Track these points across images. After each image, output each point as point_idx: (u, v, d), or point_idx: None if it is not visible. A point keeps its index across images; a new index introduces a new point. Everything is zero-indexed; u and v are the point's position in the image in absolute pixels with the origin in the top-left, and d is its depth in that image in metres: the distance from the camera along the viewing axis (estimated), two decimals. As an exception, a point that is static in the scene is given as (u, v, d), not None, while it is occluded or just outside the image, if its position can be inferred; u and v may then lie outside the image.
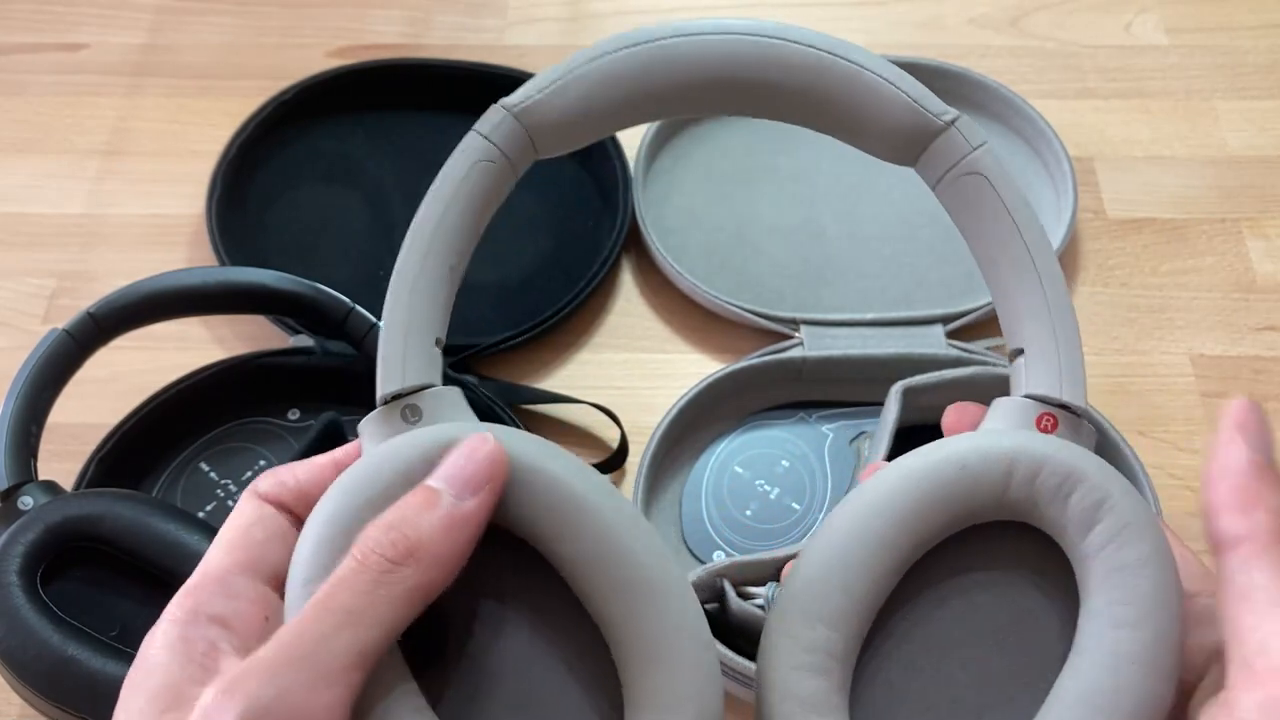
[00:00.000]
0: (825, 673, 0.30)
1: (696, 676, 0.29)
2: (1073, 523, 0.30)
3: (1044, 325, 0.31)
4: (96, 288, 0.65)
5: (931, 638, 0.31)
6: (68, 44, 0.78)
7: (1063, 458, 0.30)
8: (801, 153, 0.71)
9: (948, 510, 0.30)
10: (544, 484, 0.29)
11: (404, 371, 0.31)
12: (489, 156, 0.32)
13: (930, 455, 0.31)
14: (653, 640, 0.29)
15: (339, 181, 0.71)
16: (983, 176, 0.32)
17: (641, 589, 0.29)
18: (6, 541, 0.44)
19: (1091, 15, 0.79)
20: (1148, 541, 0.29)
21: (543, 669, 0.30)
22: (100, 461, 0.56)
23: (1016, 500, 0.30)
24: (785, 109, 0.33)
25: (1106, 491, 0.29)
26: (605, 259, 0.65)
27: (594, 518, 0.29)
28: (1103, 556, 0.29)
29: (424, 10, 0.80)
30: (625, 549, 0.29)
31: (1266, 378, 0.63)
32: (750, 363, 0.60)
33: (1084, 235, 0.69)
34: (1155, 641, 0.28)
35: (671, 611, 0.29)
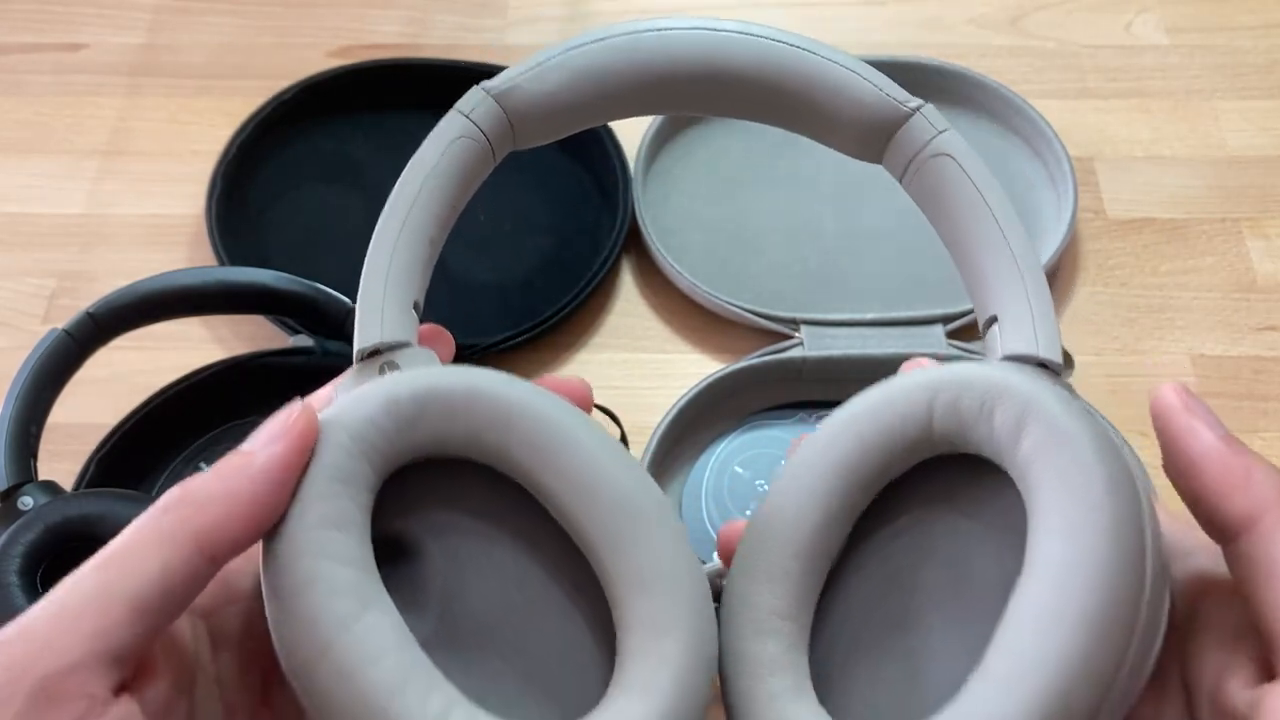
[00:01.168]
0: (775, 633, 0.30)
1: (688, 599, 0.29)
2: (1001, 440, 0.28)
3: (1016, 289, 0.31)
4: (96, 288, 0.65)
5: (888, 582, 0.31)
6: (67, 44, 0.78)
7: (981, 378, 0.29)
8: (801, 153, 0.71)
9: (881, 452, 0.30)
10: (529, 420, 0.29)
11: (382, 328, 0.31)
12: (468, 134, 0.32)
13: (856, 402, 0.31)
14: (641, 566, 0.28)
15: (339, 181, 0.71)
16: (949, 157, 0.32)
17: (628, 516, 0.29)
18: (6, 542, 0.44)
19: (1092, 15, 0.79)
20: (1075, 444, 0.27)
21: (533, 602, 0.30)
22: (100, 461, 0.56)
23: (946, 430, 0.30)
24: (756, 104, 0.33)
25: (1027, 402, 0.28)
26: (605, 259, 0.65)
27: (578, 449, 0.29)
28: (1035, 468, 0.27)
29: (424, 10, 0.80)
30: (610, 477, 0.29)
31: (1267, 378, 0.63)
32: (750, 363, 0.60)
33: (1084, 235, 0.69)
34: (1094, 547, 0.26)
35: (659, 537, 0.29)
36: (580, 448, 0.29)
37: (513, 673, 0.29)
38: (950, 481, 0.31)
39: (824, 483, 0.30)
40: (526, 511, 0.30)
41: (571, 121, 0.33)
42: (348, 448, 0.28)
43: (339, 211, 0.69)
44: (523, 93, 0.32)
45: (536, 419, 0.29)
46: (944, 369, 0.30)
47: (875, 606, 0.31)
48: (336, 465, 0.28)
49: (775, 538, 0.31)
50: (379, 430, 0.28)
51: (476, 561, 0.30)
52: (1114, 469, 0.27)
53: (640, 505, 0.29)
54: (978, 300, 0.32)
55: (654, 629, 0.28)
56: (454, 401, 0.29)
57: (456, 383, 0.29)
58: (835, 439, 0.31)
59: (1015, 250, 0.31)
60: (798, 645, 0.30)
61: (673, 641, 0.28)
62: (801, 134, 0.34)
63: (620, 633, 0.29)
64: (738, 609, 0.30)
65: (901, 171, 0.33)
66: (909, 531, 0.31)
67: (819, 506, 0.30)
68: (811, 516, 0.30)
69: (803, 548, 0.30)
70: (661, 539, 0.29)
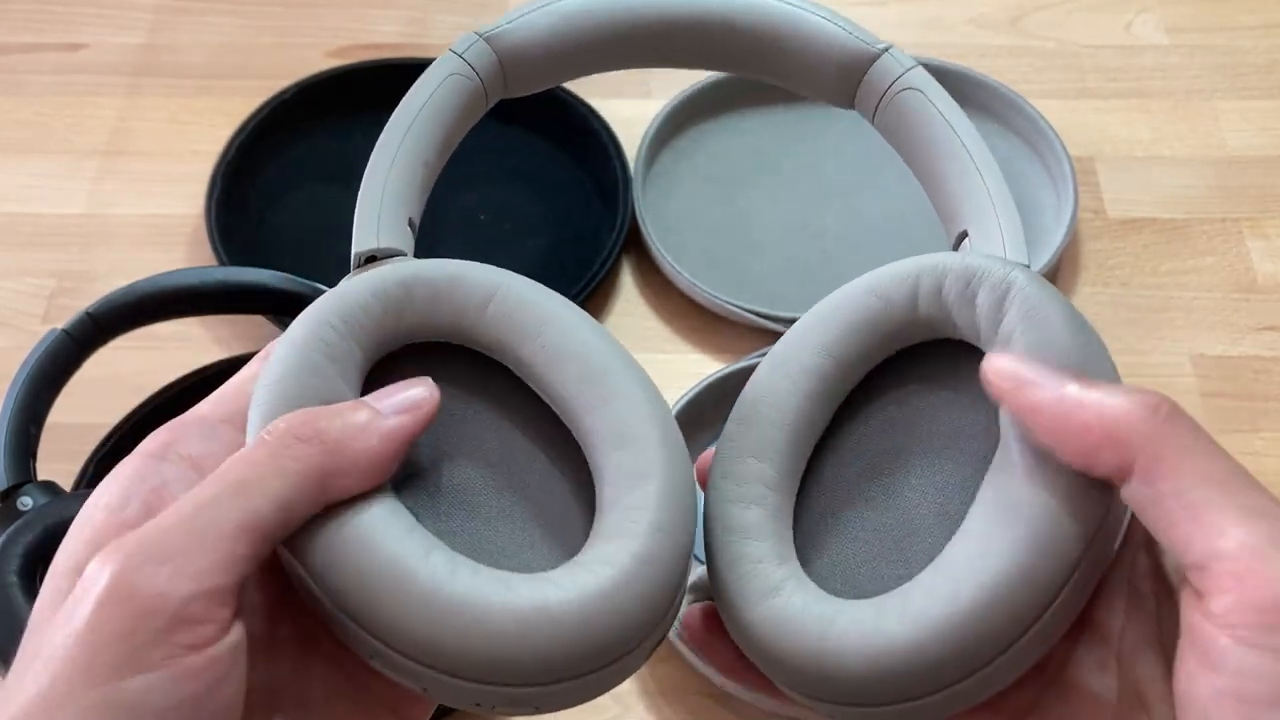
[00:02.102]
0: (758, 502, 0.30)
1: (661, 448, 0.29)
2: (983, 321, 0.29)
3: (984, 205, 0.32)
4: (96, 288, 0.65)
5: (870, 455, 0.31)
6: (67, 44, 0.78)
7: (965, 263, 0.30)
8: (801, 153, 0.71)
9: (868, 334, 0.31)
10: (506, 297, 0.30)
11: (378, 235, 0.32)
12: (462, 71, 0.33)
13: (845, 288, 0.32)
14: (614, 422, 0.29)
15: (339, 181, 0.71)
16: (917, 90, 0.33)
17: (599, 375, 0.30)
18: (6, 542, 0.44)
19: (1092, 15, 0.79)
20: (1053, 318, 0.28)
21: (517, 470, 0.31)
22: (100, 462, 0.56)
23: (930, 315, 0.30)
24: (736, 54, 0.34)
25: (1009, 282, 0.29)
26: (605, 259, 0.65)
27: (552, 319, 0.30)
28: (1014, 343, 0.28)
29: (424, 10, 0.80)
30: (580, 341, 0.30)
31: (1267, 378, 0.63)
32: (750, 363, 0.60)
33: (1084, 235, 0.69)
34: None
35: (629, 393, 0.30)
36: (554, 318, 0.30)
37: (500, 536, 0.30)
38: (931, 365, 0.31)
39: (810, 362, 0.31)
40: (508, 387, 0.31)
41: (560, 70, 0.34)
42: (338, 328, 0.29)
43: (339, 211, 0.69)
44: (514, 37, 0.34)
45: (513, 295, 0.30)
46: (924, 257, 0.31)
47: (858, 478, 0.31)
48: (327, 343, 0.29)
49: (760, 413, 0.31)
50: (368, 314, 0.29)
51: (462, 433, 0.31)
52: (1088, 339, 0.28)
53: (610, 365, 0.30)
54: (948, 220, 0.33)
55: (629, 479, 0.29)
56: (438, 285, 0.30)
57: (442, 269, 0.31)
58: (821, 322, 0.32)
59: (982, 171, 0.32)
60: (782, 514, 0.31)
61: (650, 485, 0.28)
62: (778, 82, 0.35)
63: (599, 488, 0.29)
64: (723, 480, 0.31)
65: (872, 110, 0.34)
66: (891, 409, 0.32)
67: (803, 385, 0.31)
68: (796, 394, 0.31)
69: (787, 422, 0.31)
70: (632, 395, 0.30)
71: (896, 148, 0.34)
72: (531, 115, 0.70)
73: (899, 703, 0.27)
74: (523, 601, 0.26)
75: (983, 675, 0.27)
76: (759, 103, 0.73)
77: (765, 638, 0.28)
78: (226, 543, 0.25)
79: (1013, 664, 0.27)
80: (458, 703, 0.27)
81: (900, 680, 0.27)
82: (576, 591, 0.27)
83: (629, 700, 0.54)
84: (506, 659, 0.26)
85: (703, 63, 0.35)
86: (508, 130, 0.71)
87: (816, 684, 0.28)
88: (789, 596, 0.28)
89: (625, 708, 0.54)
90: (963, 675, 0.27)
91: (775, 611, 0.28)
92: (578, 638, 0.26)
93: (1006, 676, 0.27)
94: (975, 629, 0.26)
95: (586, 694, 0.28)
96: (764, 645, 0.28)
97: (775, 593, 0.29)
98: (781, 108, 0.73)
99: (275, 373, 0.28)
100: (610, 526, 0.28)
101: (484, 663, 0.26)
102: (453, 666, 0.26)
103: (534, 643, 0.26)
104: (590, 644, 0.27)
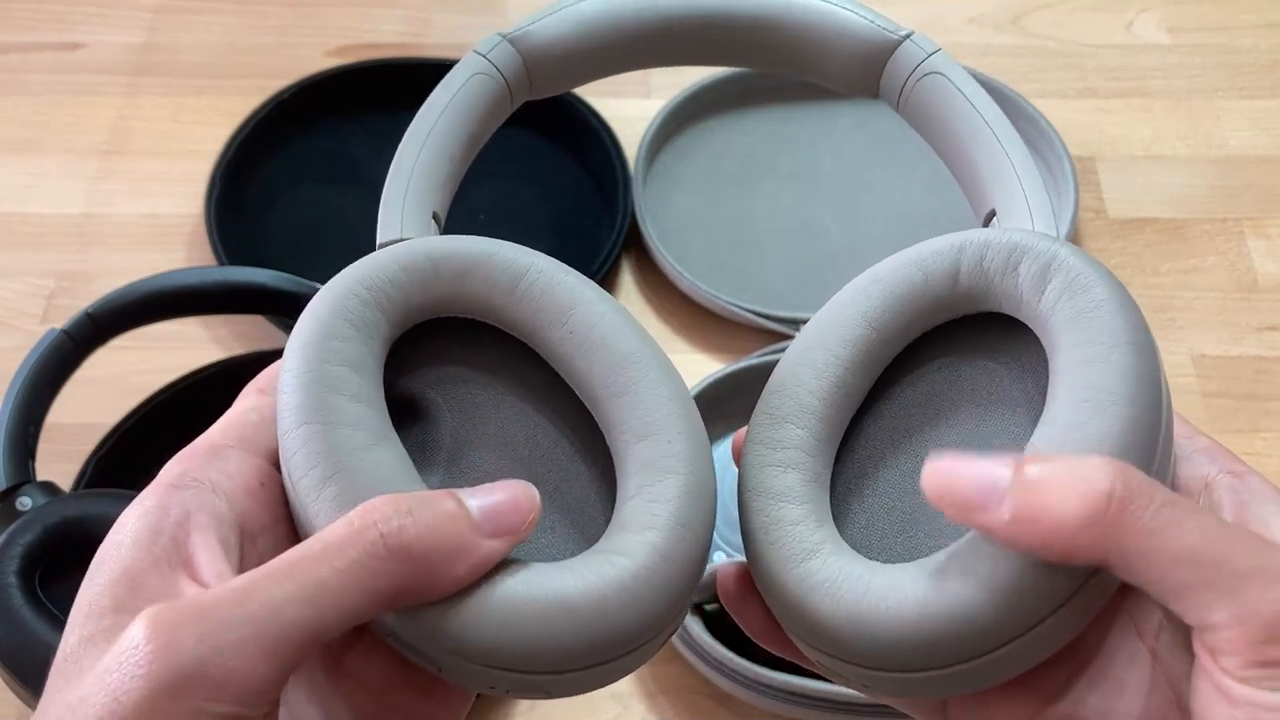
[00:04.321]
0: (796, 466, 0.30)
1: (686, 442, 0.29)
2: (1026, 291, 0.29)
3: (1011, 183, 0.32)
4: (95, 288, 0.65)
5: (909, 428, 0.31)
6: (66, 43, 0.78)
7: (1006, 237, 0.30)
8: (802, 152, 0.71)
9: (910, 305, 0.31)
10: (537, 279, 0.30)
11: (402, 225, 0.31)
12: (487, 71, 0.33)
13: (886, 261, 0.32)
14: (641, 413, 0.29)
15: (339, 181, 0.71)
16: (941, 75, 0.33)
17: (628, 366, 0.30)
18: (5, 543, 0.44)
19: (1093, 14, 0.79)
20: (1101, 286, 0.28)
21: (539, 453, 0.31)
22: (99, 462, 0.56)
23: (972, 287, 0.30)
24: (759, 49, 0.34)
25: (1053, 253, 0.29)
26: (605, 259, 0.65)
27: (582, 305, 0.30)
28: (1059, 310, 0.28)
29: (424, 10, 0.80)
30: (611, 329, 0.30)
31: (1268, 378, 0.63)
32: (750, 363, 0.60)
33: (1085, 235, 0.69)
34: (1126, 370, 0.27)
35: (657, 385, 0.30)
36: (583, 302, 0.30)
37: None
38: (973, 338, 0.31)
39: (850, 332, 0.31)
40: (533, 369, 0.31)
41: (584, 71, 0.34)
42: (363, 297, 0.29)
43: (338, 211, 0.69)
44: (537, 39, 0.34)
45: (544, 277, 0.30)
46: (967, 232, 0.31)
47: (895, 446, 0.31)
48: (351, 310, 0.29)
49: (799, 380, 0.31)
50: (394, 284, 0.29)
51: (485, 415, 0.31)
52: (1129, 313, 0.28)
53: (640, 356, 0.30)
54: (976, 201, 0.33)
55: (652, 471, 0.29)
56: (467, 262, 0.30)
57: (471, 246, 0.30)
58: (862, 293, 0.32)
59: (1008, 150, 0.32)
60: (819, 480, 0.31)
61: (673, 479, 0.29)
62: (801, 75, 0.35)
63: (621, 478, 0.29)
64: (759, 445, 0.31)
65: (896, 97, 0.34)
66: (931, 380, 0.32)
67: (843, 354, 0.31)
68: (836, 363, 0.31)
69: (825, 389, 0.31)
70: (660, 387, 0.30)
71: (922, 133, 0.34)
72: (531, 115, 0.70)
73: (930, 670, 0.27)
74: (541, 590, 0.26)
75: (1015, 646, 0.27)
76: (759, 103, 0.73)
77: (801, 600, 0.28)
78: (289, 651, 0.23)
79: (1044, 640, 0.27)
80: (471, 684, 0.27)
81: (932, 647, 0.27)
82: (596, 581, 0.27)
83: (629, 700, 0.54)
84: (523, 646, 0.26)
85: (726, 59, 0.35)
86: (508, 130, 0.70)
87: (850, 647, 0.28)
88: (825, 559, 0.28)
89: (625, 708, 0.54)
90: (995, 645, 0.27)
91: (812, 573, 0.28)
92: (595, 628, 0.26)
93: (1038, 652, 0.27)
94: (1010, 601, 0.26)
95: (600, 681, 0.28)
96: (799, 607, 0.28)
97: (812, 555, 0.29)
98: (781, 107, 0.72)
99: (302, 337, 0.28)
100: (631, 517, 0.28)
101: (500, 649, 0.26)
102: (468, 651, 0.26)
103: (551, 631, 0.26)
104: (607, 634, 0.27)
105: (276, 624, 0.23)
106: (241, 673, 0.23)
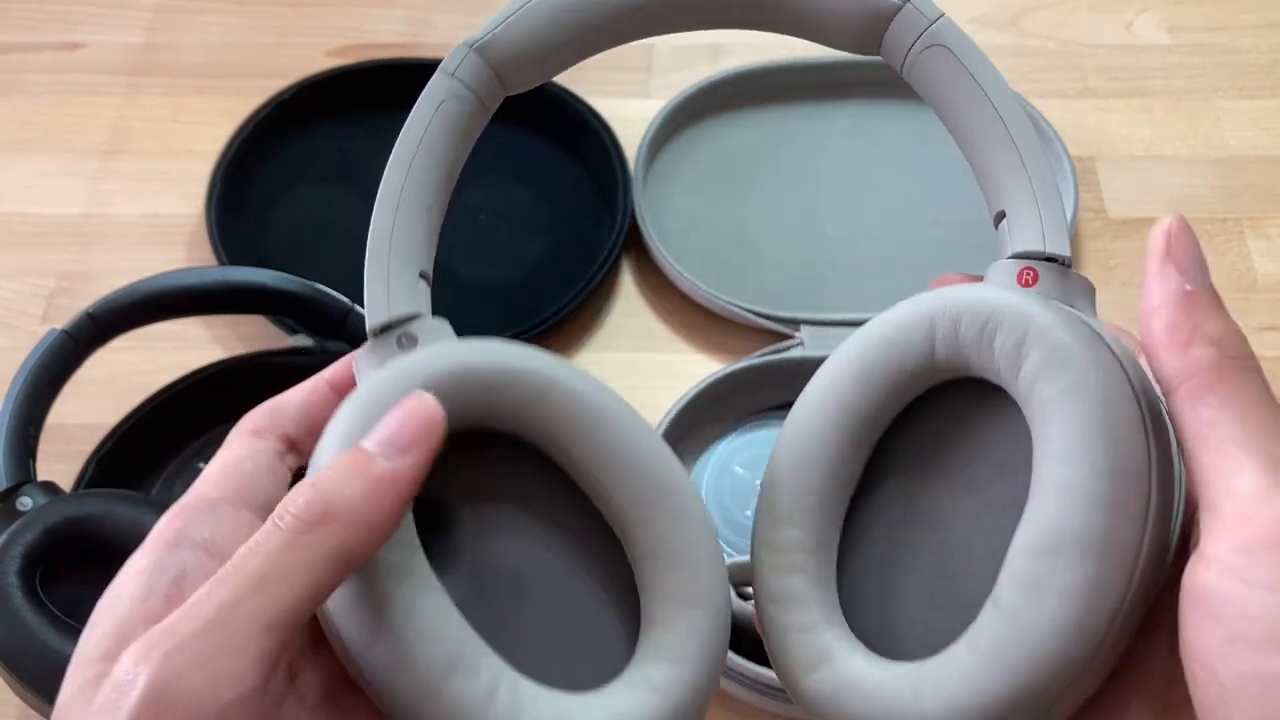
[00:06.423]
0: (798, 569, 0.31)
1: (712, 574, 0.30)
2: (1003, 365, 0.28)
3: (1021, 183, 0.31)
4: (95, 288, 0.65)
5: (906, 507, 0.31)
6: (66, 43, 0.78)
7: (979, 303, 0.29)
8: (801, 153, 0.71)
9: (887, 384, 0.30)
10: (563, 396, 0.30)
11: (389, 301, 0.31)
12: (456, 94, 0.32)
13: (858, 337, 0.31)
14: (671, 541, 0.30)
15: (339, 181, 0.71)
16: (945, 48, 0.31)
17: (658, 492, 0.30)
18: (5, 543, 0.44)
19: (1092, 14, 0.79)
20: (1072, 368, 0.27)
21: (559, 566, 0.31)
22: (99, 462, 0.56)
23: (949, 358, 0.30)
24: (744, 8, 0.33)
25: (1026, 325, 0.28)
26: (605, 259, 0.65)
27: (611, 426, 0.30)
28: (1035, 392, 0.27)
29: (424, 10, 0.80)
30: (641, 452, 0.30)
31: (1268, 378, 0.63)
32: (750, 363, 0.60)
33: (1085, 235, 0.69)
34: (1093, 473, 0.26)
35: (686, 513, 0.30)
36: (613, 424, 0.30)
37: (541, 632, 0.30)
38: (961, 404, 0.31)
39: (831, 419, 0.31)
40: (552, 478, 0.31)
41: (558, 60, 0.33)
42: None
43: (338, 211, 0.69)
44: (505, 41, 0.32)
45: (570, 395, 0.30)
46: (940, 294, 0.30)
47: (896, 527, 0.31)
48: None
49: (789, 478, 0.31)
50: None
51: (507, 525, 0.31)
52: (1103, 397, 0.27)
53: (670, 483, 0.30)
54: (987, 194, 0.32)
55: (682, 601, 0.29)
56: (489, 380, 0.30)
57: (488, 360, 0.30)
58: (837, 376, 0.31)
59: (1020, 145, 0.31)
60: (822, 577, 0.31)
61: (701, 614, 0.29)
62: (793, 34, 0.33)
63: (647, 601, 0.30)
64: (762, 549, 0.31)
65: (899, 64, 0.32)
66: (922, 454, 0.31)
67: (828, 445, 0.31)
68: (823, 456, 0.31)
69: (815, 485, 0.31)
70: (689, 515, 0.30)
71: (931, 105, 0.33)
72: (532, 115, 0.70)
73: None
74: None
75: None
76: (759, 103, 0.73)
77: (817, 709, 0.30)
78: (255, 643, 0.25)
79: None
80: None
81: None
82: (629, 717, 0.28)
83: (629, 701, 0.54)
84: None
85: (712, 20, 0.33)
86: (508, 130, 0.71)
87: None
88: (834, 666, 0.30)
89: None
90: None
91: (822, 684, 0.30)
92: None
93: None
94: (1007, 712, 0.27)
95: None
96: (818, 715, 0.30)
97: (822, 662, 0.30)
98: (781, 107, 0.73)
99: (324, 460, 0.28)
100: (661, 646, 0.29)
101: None
102: None
103: None
104: None
105: (241, 626, 0.25)
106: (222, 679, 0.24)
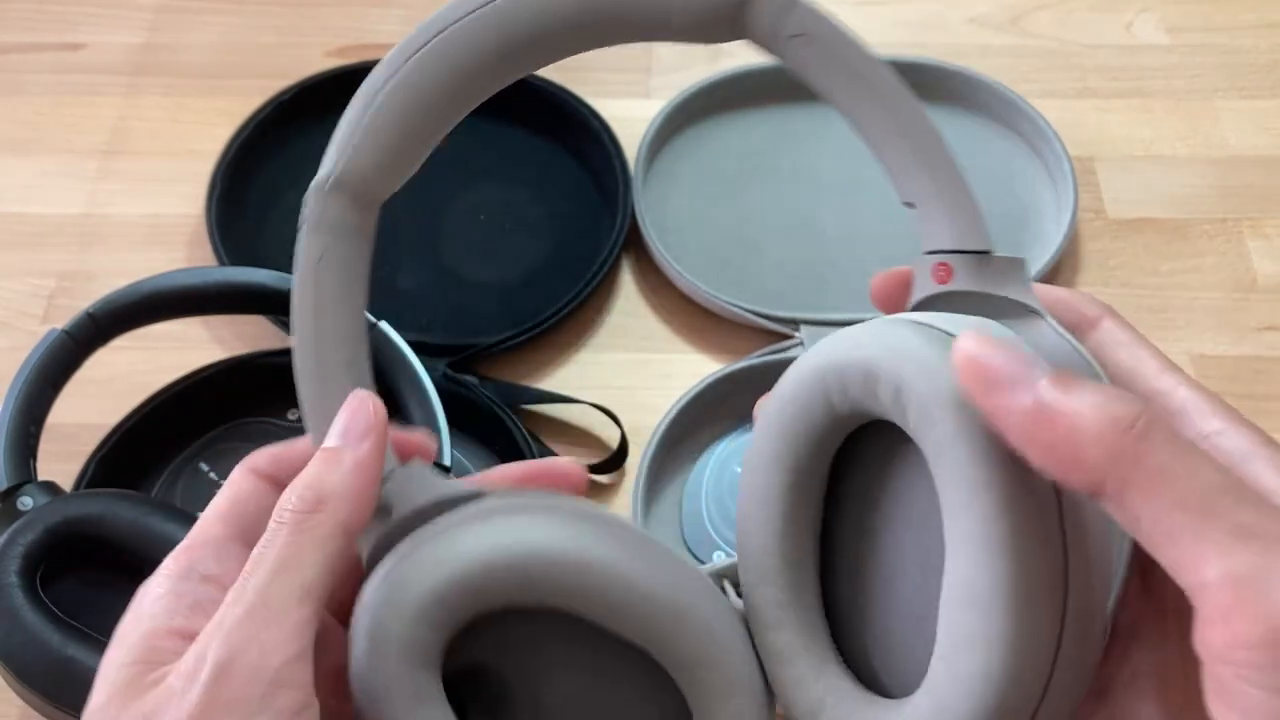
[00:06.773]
0: (781, 625, 0.31)
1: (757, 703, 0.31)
2: (894, 414, 0.28)
3: (921, 175, 0.30)
4: (95, 288, 0.65)
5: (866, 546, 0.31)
6: (67, 43, 0.78)
7: (859, 356, 0.28)
8: (802, 152, 0.71)
9: (806, 439, 0.30)
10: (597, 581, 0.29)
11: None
12: (326, 249, 0.32)
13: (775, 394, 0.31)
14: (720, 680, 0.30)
15: (339, 181, 0.71)
16: (807, 37, 0.30)
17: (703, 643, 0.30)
18: (6, 542, 0.44)
19: (1092, 14, 0.79)
20: (946, 421, 0.26)
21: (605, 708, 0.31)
22: (100, 462, 0.56)
23: (850, 411, 0.29)
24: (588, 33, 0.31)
25: (899, 379, 0.27)
26: (605, 259, 0.65)
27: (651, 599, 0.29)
28: (923, 441, 0.27)
29: (424, 10, 0.79)
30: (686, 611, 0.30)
31: (1267, 378, 0.63)
32: (750, 363, 0.60)
33: (1085, 235, 0.69)
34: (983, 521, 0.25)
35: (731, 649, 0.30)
36: (653, 598, 0.29)
37: None
38: (887, 443, 0.30)
39: (772, 479, 0.31)
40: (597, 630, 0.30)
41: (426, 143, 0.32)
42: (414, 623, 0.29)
43: (339, 211, 0.69)
44: (362, 164, 0.32)
45: (603, 577, 0.29)
46: (826, 347, 0.29)
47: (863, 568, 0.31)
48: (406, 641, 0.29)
49: (751, 543, 0.32)
50: (446, 608, 0.29)
51: (551, 684, 0.31)
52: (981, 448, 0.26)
53: (713, 630, 0.30)
54: (895, 184, 0.31)
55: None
56: (517, 570, 0.29)
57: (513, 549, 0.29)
58: (767, 436, 0.31)
59: (911, 134, 0.30)
60: (806, 626, 0.31)
61: None
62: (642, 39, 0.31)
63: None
64: (749, 608, 0.32)
65: (768, 50, 0.30)
66: (869, 496, 0.31)
67: (775, 506, 0.31)
68: (772, 518, 0.31)
69: (773, 547, 0.31)
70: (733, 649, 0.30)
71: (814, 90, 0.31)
72: (532, 115, 0.70)
73: None
74: None
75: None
76: (759, 103, 0.73)
77: None
78: (291, 614, 0.28)
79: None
80: None
81: None
82: None
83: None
84: None
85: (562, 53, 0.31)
86: (508, 130, 0.71)
87: None
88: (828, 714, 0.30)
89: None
90: None
91: None
92: None
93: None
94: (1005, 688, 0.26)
95: None
96: None
97: (819, 713, 0.30)
98: (781, 107, 0.73)
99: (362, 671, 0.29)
100: None
101: None
102: None
103: None
104: None
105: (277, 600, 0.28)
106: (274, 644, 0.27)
